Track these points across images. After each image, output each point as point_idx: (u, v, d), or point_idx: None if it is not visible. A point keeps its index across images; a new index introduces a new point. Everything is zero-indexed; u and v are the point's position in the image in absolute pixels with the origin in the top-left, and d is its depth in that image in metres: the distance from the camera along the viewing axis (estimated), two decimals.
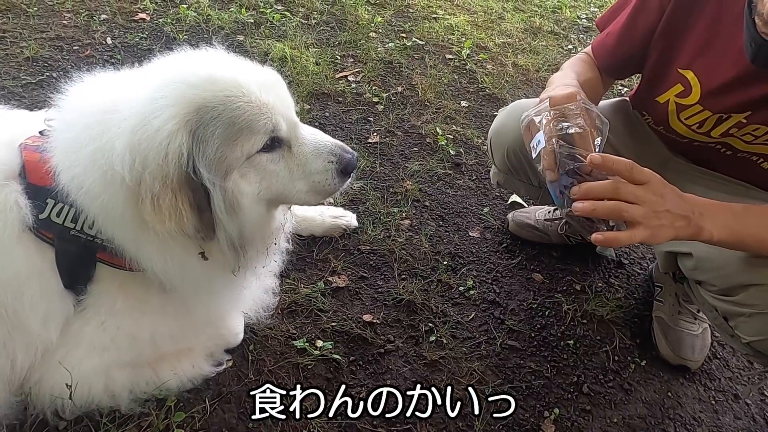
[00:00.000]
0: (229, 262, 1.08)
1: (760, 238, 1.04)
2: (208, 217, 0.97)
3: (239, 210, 1.00)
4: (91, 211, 1.00)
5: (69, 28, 2.54)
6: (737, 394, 1.57)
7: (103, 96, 1.01)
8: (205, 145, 0.92)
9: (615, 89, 3.01)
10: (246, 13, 2.89)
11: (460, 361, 1.49)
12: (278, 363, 1.39)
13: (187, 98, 0.93)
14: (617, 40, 1.33)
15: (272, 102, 1.00)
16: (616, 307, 1.72)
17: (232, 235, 1.01)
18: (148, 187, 0.91)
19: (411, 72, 2.73)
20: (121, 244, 1.01)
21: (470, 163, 2.23)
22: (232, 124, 0.95)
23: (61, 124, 1.04)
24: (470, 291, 1.70)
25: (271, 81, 1.04)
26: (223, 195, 0.96)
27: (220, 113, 0.94)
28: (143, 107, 0.93)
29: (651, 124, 1.41)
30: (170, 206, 0.92)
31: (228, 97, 0.95)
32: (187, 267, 1.05)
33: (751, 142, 1.21)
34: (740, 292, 1.14)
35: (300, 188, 1.09)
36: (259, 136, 0.99)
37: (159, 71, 1.01)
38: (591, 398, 1.48)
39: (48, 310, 1.06)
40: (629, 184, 0.93)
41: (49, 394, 1.11)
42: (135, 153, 0.91)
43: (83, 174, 0.97)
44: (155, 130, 0.90)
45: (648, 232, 0.93)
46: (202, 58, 1.04)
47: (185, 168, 0.92)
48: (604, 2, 4.00)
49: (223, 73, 0.98)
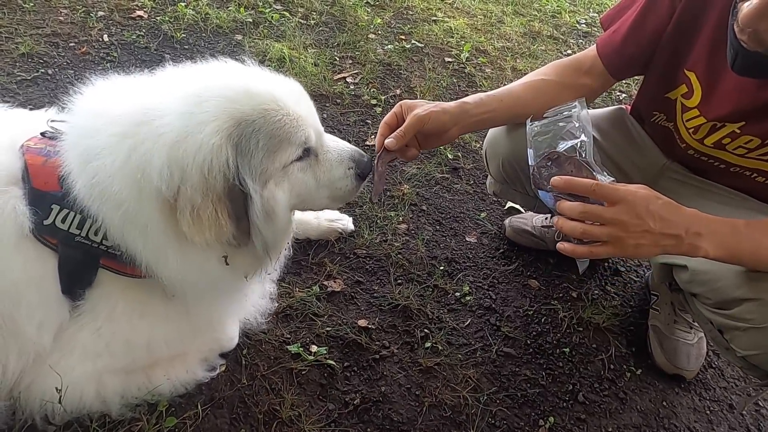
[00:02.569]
0: (248, 268, 1.12)
1: (758, 255, 1.04)
2: (244, 225, 1.01)
3: (275, 217, 1.05)
4: (109, 219, 0.99)
5: (65, 24, 2.51)
6: (732, 404, 1.56)
7: (129, 104, 1.00)
8: (249, 157, 0.97)
9: (613, 94, 3.02)
10: (245, 13, 2.87)
11: (456, 368, 1.48)
12: (272, 368, 1.38)
13: (227, 112, 0.96)
14: (624, 38, 1.31)
15: (305, 114, 1.06)
16: (612, 314, 1.72)
17: (267, 241, 1.05)
18: (188, 199, 0.94)
19: (410, 74, 2.72)
20: (138, 251, 1.01)
21: (468, 168, 2.23)
22: (272, 136, 0.99)
23: (79, 129, 1.03)
24: (466, 297, 1.69)
25: (298, 92, 1.09)
26: (262, 203, 1.01)
27: (261, 126, 0.98)
28: (182, 122, 0.95)
29: (662, 122, 1.39)
30: (210, 217, 0.96)
31: (266, 111, 0.99)
32: (205, 272, 1.07)
33: (744, 155, 1.21)
34: (736, 306, 1.14)
35: (323, 194, 1.15)
36: (294, 147, 1.04)
37: (187, 82, 1.02)
38: (586, 407, 1.47)
39: (44, 317, 1.06)
40: (597, 207, 0.97)
41: (39, 399, 1.09)
42: (176, 167, 0.93)
43: (108, 181, 0.96)
44: (198, 145, 0.93)
45: (615, 250, 0.98)
46: (229, 69, 1.07)
47: (232, 180, 0.95)
48: (604, 7, 4.01)
49: (259, 86, 1.02)
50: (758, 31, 0.93)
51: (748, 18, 0.92)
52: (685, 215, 1.01)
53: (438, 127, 1.24)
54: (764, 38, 0.94)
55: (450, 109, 1.26)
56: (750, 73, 1.06)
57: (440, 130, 1.26)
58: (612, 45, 1.35)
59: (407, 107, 1.25)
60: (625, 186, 0.99)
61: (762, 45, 0.96)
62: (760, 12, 0.90)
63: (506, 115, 1.39)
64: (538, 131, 1.09)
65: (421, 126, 1.22)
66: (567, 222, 1.00)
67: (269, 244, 1.07)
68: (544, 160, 1.05)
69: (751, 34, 0.95)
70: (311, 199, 1.15)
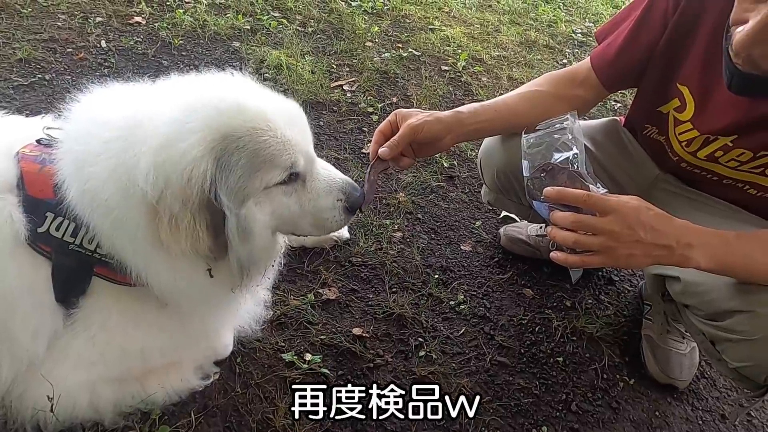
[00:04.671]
0: (231, 281, 1.10)
1: (749, 267, 1.05)
2: (222, 240, 0.99)
3: (250, 236, 1.02)
4: (100, 226, 0.99)
5: (63, 30, 2.52)
6: (724, 415, 1.57)
7: (125, 110, 1.00)
8: (228, 173, 0.95)
9: (608, 103, 3.04)
10: (242, 20, 2.89)
11: (449, 377, 1.49)
12: (266, 376, 1.38)
13: (214, 125, 0.95)
14: (618, 51, 1.33)
15: (295, 138, 1.03)
16: (605, 324, 1.73)
17: (241, 258, 1.04)
18: (168, 206, 0.93)
19: (406, 83, 2.73)
20: (128, 259, 1.01)
21: (463, 176, 2.24)
22: (255, 155, 0.97)
23: (74, 136, 1.03)
24: (461, 305, 1.69)
25: (294, 114, 1.07)
26: (237, 221, 0.99)
27: (246, 144, 0.96)
28: (170, 128, 0.94)
29: (654, 135, 1.40)
30: (188, 227, 0.94)
31: (254, 129, 0.97)
32: (194, 283, 1.06)
33: (737, 168, 1.22)
34: (728, 318, 1.15)
35: (307, 221, 1.13)
36: (278, 171, 1.01)
37: (184, 91, 1.02)
38: (579, 416, 1.48)
39: (38, 325, 1.05)
40: (589, 217, 0.99)
41: (31, 408, 1.09)
42: (159, 172, 0.92)
43: (99, 188, 0.96)
44: (181, 153, 0.92)
45: (607, 260, 1.00)
46: (228, 82, 1.05)
47: (207, 193, 0.94)
48: (599, 17, 4.04)
49: (251, 103, 1.00)
50: (752, 56, 0.96)
51: (742, 44, 0.95)
52: (676, 226, 1.02)
53: (432, 136, 1.25)
54: (759, 62, 0.96)
55: (444, 119, 1.27)
56: (747, 93, 1.08)
57: (434, 139, 1.27)
58: (606, 57, 1.36)
59: (402, 116, 1.26)
60: (617, 197, 1.01)
61: (757, 68, 0.98)
62: (753, 39, 0.92)
63: (500, 126, 1.40)
64: (533, 143, 1.11)
65: (414, 135, 1.23)
66: (560, 231, 1.01)
67: (244, 262, 1.05)
68: (538, 171, 1.06)
69: (745, 58, 0.97)
70: (294, 224, 1.13)
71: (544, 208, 1.07)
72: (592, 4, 4.22)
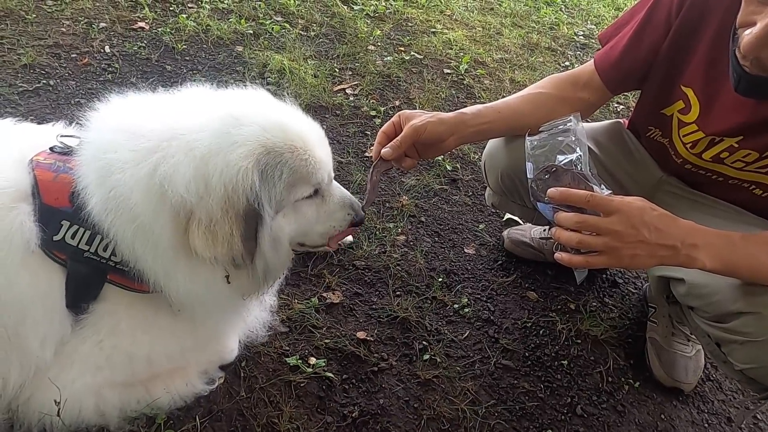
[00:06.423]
0: (245, 288, 1.15)
1: (754, 268, 1.05)
2: (251, 247, 1.04)
3: (279, 244, 1.11)
4: (122, 233, 1.00)
5: (67, 35, 2.53)
6: (730, 418, 1.56)
7: (153, 121, 1.03)
8: (271, 185, 1.03)
9: (611, 106, 3.04)
10: (245, 24, 2.90)
11: (454, 381, 1.48)
12: (270, 380, 1.38)
13: (260, 140, 1.02)
14: (621, 53, 1.33)
15: (324, 159, 1.14)
16: (610, 327, 1.72)
17: (269, 265, 1.10)
18: (207, 213, 0.97)
19: (409, 86, 2.74)
20: (147, 265, 1.03)
21: (467, 179, 2.24)
22: (294, 172, 1.06)
23: (97, 144, 1.04)
24: (465, 309, 1.69)
25: (322, 136, 1.18)
26: (270, 230, 1.06)
27: (287, 160, 1.05)
28: (216, 139, 0.99)
29: (658, 138, 1.40)
30: (225, 234, 0.99)
31: (294, 147, 1.06)
32: (211, 289, 1.10)
33: (742, 168, 1.22)
34: (733, 320, 1.14)
35: (319, 231, 1.22)
36: (309, 186, 1.13)
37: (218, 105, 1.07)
38: (584, 420, 1.47)
39: (48, 331, 1.06)
40: (593, 217, 0.99)
41: (38, 412, 1.09)
42: (202, 180, 0.97)
43: (126, 195, 0.98)
44: (228, 163, 0.98)
45: (611, 260, 1.00)
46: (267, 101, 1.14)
47: (251, 203, 1.00)
48: (602, 19, 4.05)
49: (292, 123, 1.10)
50: (760, 58, 0.96)
51: (749, 47, 0.95)
52: (680, 226, 1.02)
53: (435, 137, 1.26)
54: (767, 65, 0.96)
55: (447, 120, 1.27)
56: (754, 95, 1.08)
57: (437, 140, 1.27)
58: (609, 60, 1.36)
59: (405, 117, 1.27)
60: (621, 197, 1.01)
61: (765, 71, 0.98)
62: (761, 42, 0.93)
63: (504, 127, 1.41)
64: (536, 145, 1.11)
65: (417, 136, 1.23)
66: (564, 232, 1.01)
67: (270, 269, 1.11)
68: (542, 173, 1.06)
69: (753, 61, 0.97)
70: (308, 233, 1.21)
71: (548, 209, 1.07)
72: (593, 7, 4.23)
